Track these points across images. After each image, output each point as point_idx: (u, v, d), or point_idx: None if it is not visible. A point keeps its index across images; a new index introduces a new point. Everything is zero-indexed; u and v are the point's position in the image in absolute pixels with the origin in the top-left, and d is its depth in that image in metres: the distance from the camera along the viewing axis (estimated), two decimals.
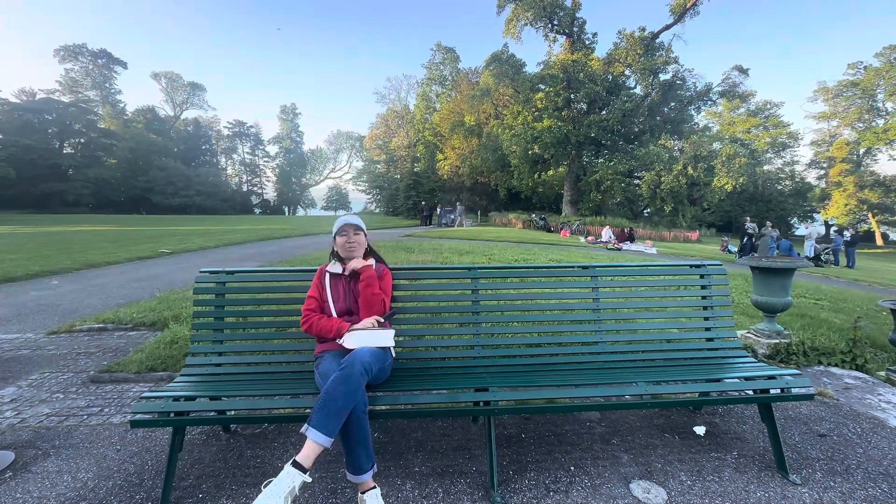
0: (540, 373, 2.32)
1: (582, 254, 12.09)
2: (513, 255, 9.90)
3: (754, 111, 44.40)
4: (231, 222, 28.61)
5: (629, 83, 28.13)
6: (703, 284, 2.72)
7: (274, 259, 9.93)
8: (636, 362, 2.48)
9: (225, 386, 2.14)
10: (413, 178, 36.94)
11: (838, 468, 2.20)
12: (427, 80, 45.36)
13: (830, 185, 40.74)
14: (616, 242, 19.07)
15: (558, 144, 26.86)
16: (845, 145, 40.37)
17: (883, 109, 39.34)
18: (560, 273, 2.71)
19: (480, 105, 31.31)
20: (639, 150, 26.44)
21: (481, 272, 2.62)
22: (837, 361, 3.52)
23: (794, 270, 3.63)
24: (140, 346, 3.90)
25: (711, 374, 2.28)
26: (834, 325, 4.98)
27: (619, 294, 2.70)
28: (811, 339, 3.81)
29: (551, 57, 28.51)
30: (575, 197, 29.64)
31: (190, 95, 61.48)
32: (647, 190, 25.41)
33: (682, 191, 24.69)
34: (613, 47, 27.29)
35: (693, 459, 2.26)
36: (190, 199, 48.44)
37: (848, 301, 7.23)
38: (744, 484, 2.06)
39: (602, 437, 2.47)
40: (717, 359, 2.52)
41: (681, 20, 25.29)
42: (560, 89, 26.53)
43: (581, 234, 22.55)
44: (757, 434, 2.51)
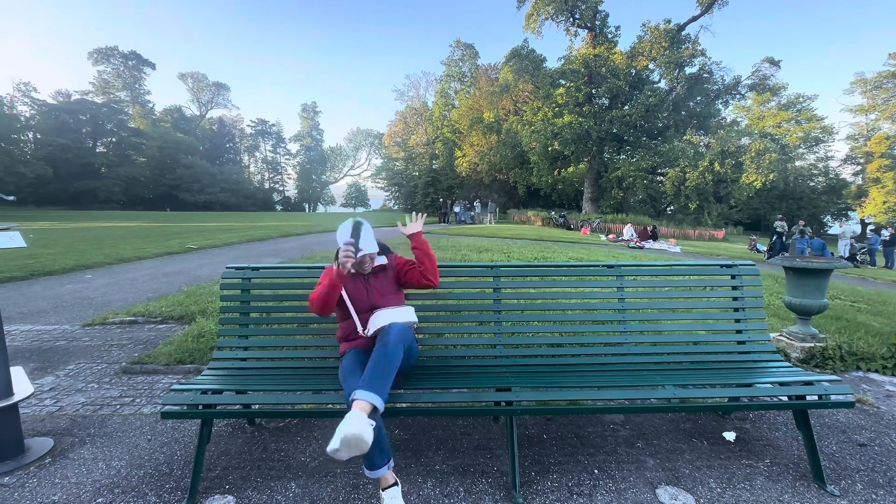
0: (563, 373, 2.28)
1: (604, 252, 11.87)
2: (532, 252, 9.80)
3: (786, 105, 42.55)
4: (254, 219, 29.27)
5: (653, 77, 27.41)
6: (735, 285, 2.62)
7: (295, 255, 10.11)
8: (663, 364, 2.41)
9: (250, 380, 2.18)
10: (431, 175, 36.99)
11: (880, 480, 2.08)
12: (446, 77, 45.24)
13: (868, 182, 38.78)
14: (638, 241, 18.65)
15: (579, 141, 26.39)
16: (885, 140, 38.32)
17: None
18: (584, 272, 2.66)
19: (500, 101, 31.05)
20: (662, 146, 25.74)
21: (503, 270, 2.59)
22: (878, 367, 3.35)
23: (830, 271, 3.47)
24: (169, 338, 4.02)
25: (743, 378, 2.19)
26: (873, 328, 4.74)
27: (645, 294, 2.63)
28: (848, 342, 3.64)
29: (572, 51, 28.02)
30: (595, 194, 29.11)
31: (214, 95, 63.07)
32: (670, 187, 24.75)
33: (709, 188, 23.94)
34: (637, 41, 26.62)
35: (723, 466, 2.18)
36: (214, 196, 49.77)
37: (888, 304, 6.88)
38: (777, 493, 1.98)
39: (626, 440, 2.42)
40: (749, 362, 2.43)
41: (708, 10, 24.46)
42: (581, 84, 26.06)
43: (602, 232, 22.16)
44: (791, 441, 2.41)
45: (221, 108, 64.72)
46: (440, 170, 38.88)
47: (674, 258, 13.40)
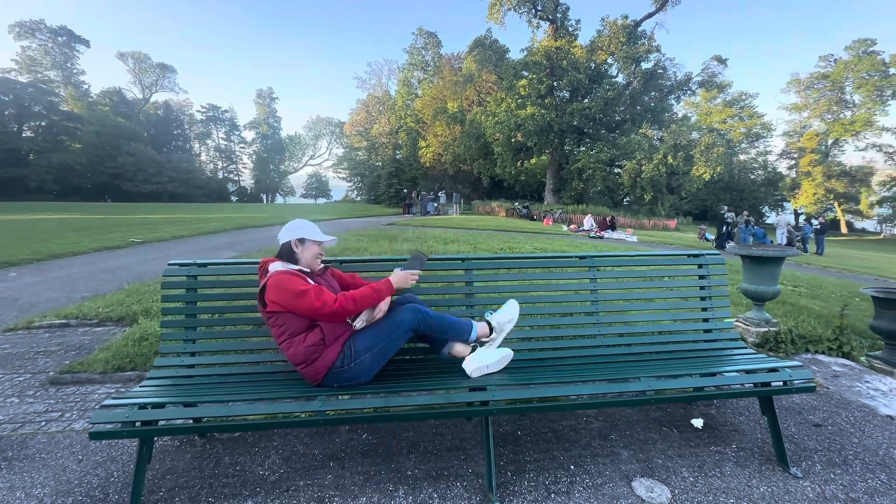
0: (539, 369, 2.21)
1: (566, 242, 12.11)
2: (498, 243, 9.81)
3: (730, 102, 45.27)
4: (206, 210, 27.65)
5: (611, 71, 28.18)
6: (701, 274, 2.65)
7: (252, 248, 9.59)
8: (635, 355, 2.41)
9: (198, 390, 1.96)
10: (395, 165, 36.39)
11: (837, 459, 2.18)
12: (408, 66, 44.43)
13: (800, 175, 42.13)
14: (598, 230, 19.24)
15: (541, 132, 26.78)
16: (815, 136, 41.72)
17: (850, 102, 40.74)
18: (557, 263, 2.60)
19: (463, 91, 30.89)
20: (620, 139, 26.61)
21: (475, 263, 2.48)
22: (824, 349, 3.55)
23: (783, 259, 3.63)
24: (106, 343, 3.63)
25: (712, 367, 2.21)
26: (814, 311, 5.08)
27: (617, 285, 2.61)
28: (797, 326, 3.85)
29: (534, 43, 28.24)
30: (557, 185, 29.74)
31: (159, 77, 58.67)
32: (627, 179, 25.69)
33: (662, 180, 25.05)
34: (597, 35, 27.21)
35: (693, 454, 2.21)
36: (162, 186, 46.58)
37: (823, 288, 7.44)
38: (746, 479, 2.02)
39: (600, 432, 2.40)
40: (715, 350, 2.47)
41: (663, 7, 25.35)
42: (543, 76, 26.36)
43: (563, 223, 22.69)
44: (754, 425, 2.48)
45: (167, 91, 60.36)
46: (404, 160, 38.33)
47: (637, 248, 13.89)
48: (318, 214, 23.92)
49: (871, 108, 38.98)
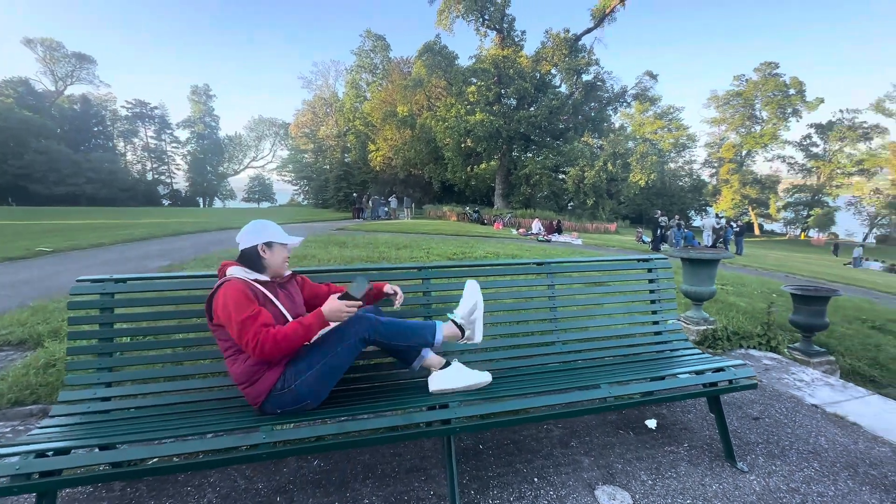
0: (501, 380, 2.15)
1: (516, 245, 12.37)
2: (451, 248, 9.79)
3: (660, 114, 49.03)
4: (133, 215, 25.26)
5: (555, 82, 29.43)
6: (651, 278, 2.74)
7: (186, 257, 8.79)
8: (593, 360, 2.43)
9: (116, 427, 1.68)
10: (344, 168, 35.50)
11: (776, 451, 2.31)
12: (356, 68, 43.62)
13: (720, 182, 46.51)
14: (545, 234, 19.93)
15: (490, 138, 27.35)
16: (731, 147, 46.29)
17: (760, 117, 45.63)
18: (515, 270, 2.57)
19: (413, 96, 30.82)
20: (564, 147, 27.83)
21: (433, 271, 2.38)
22: (755, 344, 3.84)
23: (718, 261, 3.89)
24: (2, 371, 3.10)
25: (665, 369, 2.27)
26: (741, 308, 5.51)
27: (573, 291, 2.62)
28: (731, 324, 4.13)
29: (482, 51, 28.86)
30: (506, 190, 30.47)
31: (75, 68, 52.93)
32: (572, 184, 26.88)
33: (603, 185, 26.50)
34: (541, 46, 28.31)
35: (650, 456, 2.25)
36: (79, 187, 42.01)
37: (746, 286, 8.14)
38: (699, 477, 2.08)
39: (560, 440, 2.38)
40: (666, 352, 2.55)
41: (601, 24, 26.92)
42: (491, 84, 26.97)
43: (513, 227, 23.26)
44: (702, 422, 2.59)
45: (86, 84, 54.54)
46: (353, 163, 37.50)
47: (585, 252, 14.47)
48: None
49: (776, 123, 43.99)
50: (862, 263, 22.23)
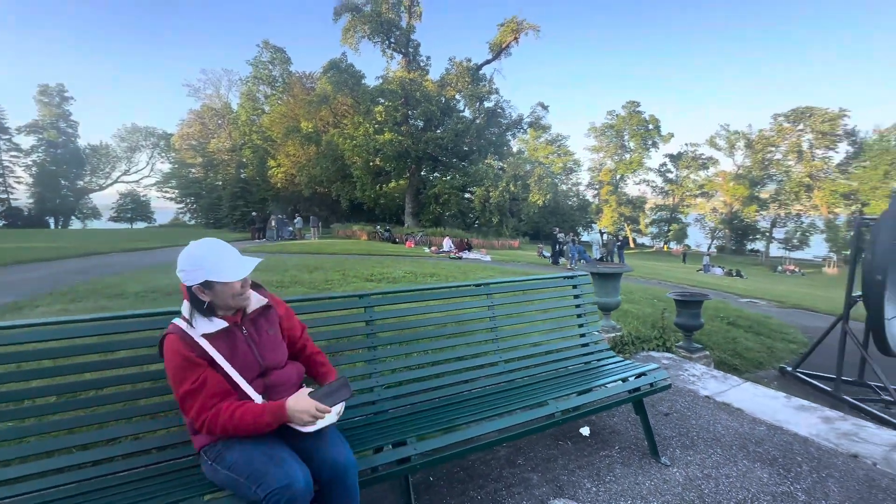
0: (451, 407, 2.11)
1: (432, 264, 12.52)
2: (368, 269, 9.53)
3: (551, 140, 54.52)
4: None
5: (459, 106, 30.97)
6: (576, 294, 2.96)
7: (39, 293, 7.11)
8: (534, 377, 2.51)
9: None
10: (240, 185, 32.66)
11: (687, 442, 2.63)
12: (253, 79, 40.90)
13: (601, 202, 53.00)
14: (456, 252, 20.54)
15: (399, 158, 27.60)
16: (609, 172, 53.19)
17: (629, 147, 53.31)
18: (456, 293, 2.58)
19: (318, 112, 29.82)
20: (470, 168, 29.25)
21: (374, 299, 2.27)
22: (654, 346, 4.37)
23: (621, 274, 4.37)
24: None
25: (596, 380, 2.45)
26: (633, 314, 6.26)
27: (510, 310, 2.71)
28: (634, 330, 4.65)
29: (389, 72, 29.24)
30: (416, 209, 30.87)
31: None
32: (478, 203, 28.28)
33: (506, 205, 28.34)
34: (446, 72, 29.65)
35: (589, 463, 2.39)
36: None
37: (633, 293, 9.29)
38: (633, 477, 2.26)
39: (508, 460, 2.41)
40: (593, 363, 2.75)
41: (498, 57, 29.22)
42: (398, 105, 27.37)
43: (425, 245, 23.55)
44: (627, 424, 2.84)
45: None
46: (251, 180, 34.72)
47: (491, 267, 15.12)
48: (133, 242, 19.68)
49: (640, 152, 51.81)
50: (709, 269, 26.96)
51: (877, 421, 3.52)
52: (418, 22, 28.38)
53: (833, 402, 4.08)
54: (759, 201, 46.32)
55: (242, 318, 1.52)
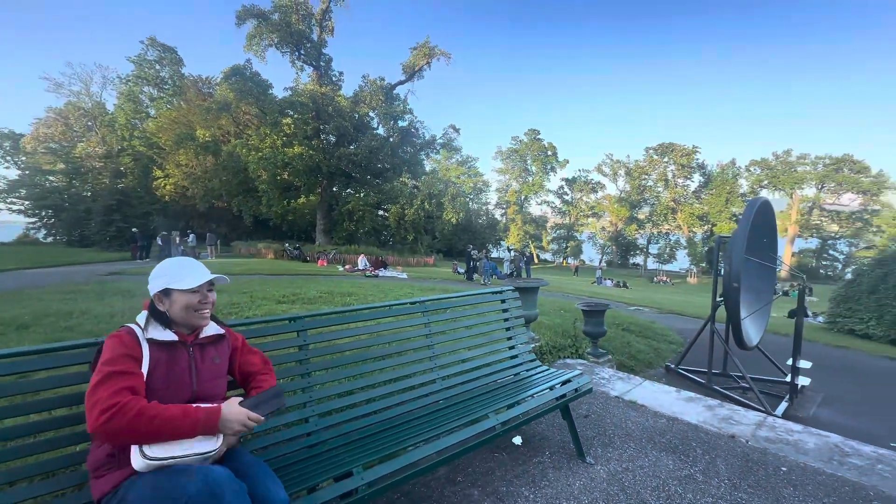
0: (393, 430, 2.05)
1: (350, 283, 12.10)
2: (278, 289, 8.87)
3: (462, 162, 57.02)
4: None
5: (373, 124, 30.90)
6: (505, 308, 3.11)
7: None
8: (470, 392, 2.56)
9: None
10: (117, 197, 28.25)
11: (606, 441, 2.88)
12: (135, 78, 36.21)
13: (509, 221, 56.55)
14: (372, 269, 20.15)
15: (310, 172, 26.48)
16: (514, 193, 57.15)
17: (531, 170, 57.99)
18: (392, 312, 2.53)
19: (217, 120, 27.34)
20: (385, 185, 29.18)
21: (308, 322, 2.13)
22: (569, 354, 4.73)
23: (538, 288, 4.69)
24: None
25: (528, 390, 2.57)
26: (546, 324, 6.73)
27: (445, 326, 2.74)
28: (550, 339, 5.00)
29: (299, 84, 28.13)
30: (328, 226, 29.74)
31: None
32: (393, 221, 28.23)
33: (421, 222, 28.74)
34: (359, 89, 29.45)
35: (525, 472, 2.48)
36: None
37: (543, 305, 9.99)
38: (565, 479, 2.40)
39: (448, 478, 2.40)
40: (522, 373, 2.90)
41: (411, 79, 29.94)
42: (309, 118, 26.37)
43: (338, 263, 22.70)
44: (553, 429, 3.02)
45: None
46: (131, 191, 30.27)
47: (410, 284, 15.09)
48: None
49: (541, 175, 56.71)
50: (602, 282, 30.19)
51: (741, 405, 4.23)
52: (330, 36, 27.93)
53: (707, 392, 4.81)
54: (638, 221, 53.59)
55: (194, 340, 1.48)
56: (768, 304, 6.06)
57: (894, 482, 2.42)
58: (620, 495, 2.24)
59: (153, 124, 32.40)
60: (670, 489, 2.30)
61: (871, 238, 42.92)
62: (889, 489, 2.36)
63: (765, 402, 4.53)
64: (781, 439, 2.92)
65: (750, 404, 4.43)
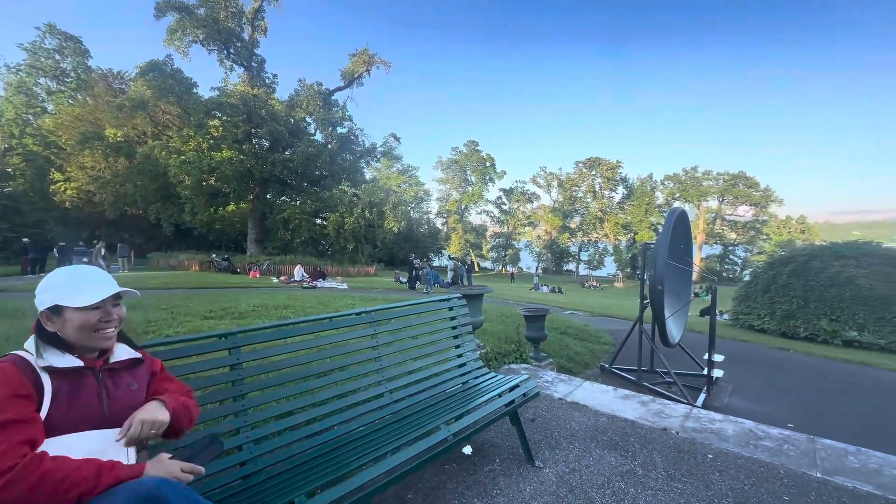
0: (340, 451, 1.91)
1: (285, 294, 11.44)
2: (205, 304, 8.12)
3: (402, 171, 56.89)
4: None
5: (310, 129, 29.84)
6: (452, 316, 3.08)
7: None
8: (419, 404, 2.48)
9: None
10: (3, 202, 24.43)
11: (553, 443, 2.94)
12: (28, 68, 31.78)
13: (450, 230, 57.25)
14: (310, 280, 19.28)
15: (241, 178, 24.86)
16: (455, 202, 58.08)
17: (470, 180, 59.36)
18: (336, 324, 2.39)
19: (132, 119, 24.73)
20: (323, 193, 28.21)
21: (241, 338, 1.94)
22: (513, 359, 4.81)
23: (483, 295, 4.74)
24: None
25: (477, 398, 2.55)
26: (489, 331, 6.83)
27: (392, 337, 2.65)
28: (495, 346, 5.06)
29: (228, 85, 26.43)
30: (261, 235, 28.05)
31: None
32: (332, 230, 27.31)
33: (361, 231, 28.11)
34: (295, 93, 28.33)
35: (477, 482, 2.44)
36: None
37: (486, 311, 10.16)
38: (516, 485, 2.40)
39: (397, 497, 2.29)
40: (471, 381, 2.87)
41: (350, 86, 29.41)
42: (239, 121, 24.82)
43: (273, 275, 21.44)
44: (502, 435, 3.02)
45: None
46: (22, 195, 26.34)
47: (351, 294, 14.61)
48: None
49: (481, 186, 58.25)
50: (539, 288, 31.49)
51: (668, 399, 4.57)
52: (263, 37, 26.67)
53: (639, 389, 5.14)
54: (570, 230, 56.89)
55: (103, 366, 1.25)
56: (687, 304, 6.66)
57: (798, 460, 2.73)
58: (569, 496, 2.28)
59: (51, 121, 28.62)
60: (614, 485, 2.39)
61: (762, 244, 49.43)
62: (794, 466, 2.64)
63: (687, 395, 4.93)
64: (706, 429, 3.17)
65: (675, 397, 4.80)
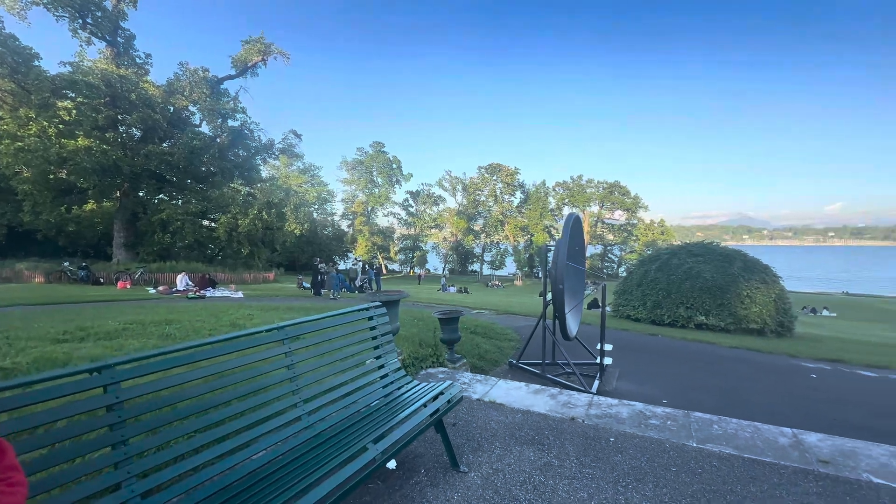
0: (251, 491, 1.69)
1: (165, 307, 9.96)
2: (53, 325, 6.67)
3: (304, 170, 53.77)
4: None
5: (194, 120, 26.54)
6: (372, 325, 2.96)
7: None
8: (340, 424, 2.32)
9: None
10: None
11: (475, 445, 2.99)
12: None
13: (356, 232, 55.71)
14: (197, 290, 17.14)
15: (103, 172, 21.03)
16: (361, 204, 56.69)
17: (377, 182, 58.53)
18: (244, 344, 2.12)
19: None
20: (212, 192, 25.31)
21: (122, 371, 1.60)
22: (429, 364, 4.81)
23: (399, 301, 4.66)
24: None
25: (402, 411, 2.48)
26: (403, 335, 6.77)
27: (309, 354, 2.44)
28: (413, 351, 5.00)
29: (84, 60, 22.18)
30: (132, 239, 24.10)
31: None
32: (223, 233, 24.63)
33: (258, 234, 25.84)
34: (175, 78, 24.92)
35: (404, 496, 2.37)
36: None
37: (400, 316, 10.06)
38: (444, 494, 2.39)
39: None
40: (394, 392, 2.79)
41: (243, 75, 26.87)
42: (101, 105, 21.01)
43: (149, 285, 18.57)
44: (425, 444, 2.98)
45: None
46: None
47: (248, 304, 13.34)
48: None
49: (387, 188, 57.76)
50: (447, 289, 32.28)
51: (569, 388, 5.00)
52: (132, 9, 22.99)
53: (544, 381, 5.54)
54: (474, 232, 59.41)
55: None
56: (581, 301, 7.37)
57: (678, 433, 3.18)
58: (495, 498, 2.34)
59: None
60: (535, 480, 2.51)
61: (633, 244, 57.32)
62: (676, 439, 3.07)
63: (584, 383, 5.44)
64: (606, 414, 3.53)
65: (575, 386, 5.26)
